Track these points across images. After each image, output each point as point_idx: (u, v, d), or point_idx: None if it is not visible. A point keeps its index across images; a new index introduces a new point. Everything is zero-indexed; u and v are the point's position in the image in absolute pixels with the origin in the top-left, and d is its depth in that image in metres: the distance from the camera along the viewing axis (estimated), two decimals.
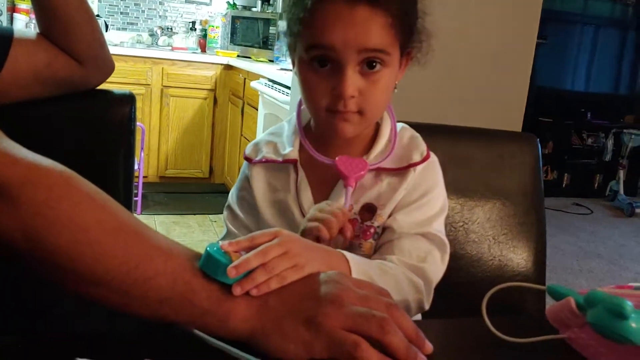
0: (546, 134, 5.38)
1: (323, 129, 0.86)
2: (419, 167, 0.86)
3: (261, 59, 3.99)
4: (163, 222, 3.54)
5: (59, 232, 0.55)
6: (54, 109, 1.05)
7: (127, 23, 4.49)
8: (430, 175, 0.88)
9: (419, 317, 0.88)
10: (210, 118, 4.13)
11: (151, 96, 3.97)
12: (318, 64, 0.78)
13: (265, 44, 4.09)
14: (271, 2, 4.45)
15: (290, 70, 2.32)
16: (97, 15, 4.26)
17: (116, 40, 4.33)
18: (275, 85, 2.79)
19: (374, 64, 0.78)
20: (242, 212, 0.93)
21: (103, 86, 1.10)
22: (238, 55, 4.22)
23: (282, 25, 3.95)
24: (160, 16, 4.56)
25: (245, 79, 3.51)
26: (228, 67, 4.05)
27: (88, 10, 1.02)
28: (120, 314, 0.59)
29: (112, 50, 4.02)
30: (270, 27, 4.06)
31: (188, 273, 0.59)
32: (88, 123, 1.11)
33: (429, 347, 0.59)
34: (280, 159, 0.89)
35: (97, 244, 0.57)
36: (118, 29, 4.45)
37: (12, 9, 3.97)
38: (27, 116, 1.02)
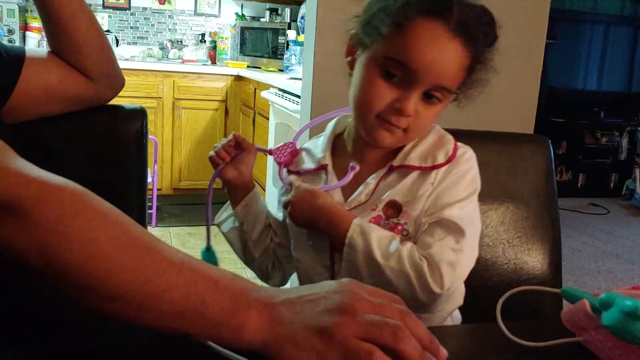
0: (560, 135, 5.34)
1: (363, 132, 0.87)
2: (444, 167, 0.87)
3: (271, 69, 4.00)
4: (178, 234, 3.55)
5: (72, 249, 0.56)
6: (66, 126, 1.06)
7: (138, 37, 4.54)
8: (455, 170, 0.87)
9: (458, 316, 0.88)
10: (222, 129, 4.16)
11: (163, 109, 4.00)
12: (389, 74, 0.80)
13: (275, 53, 4.10)
14: (279, 12, 4.48)
15: (299, 79, 2.33)
16: (107, 31, 4.31)
17: (127, 55, 4.37)
18: (285, 95, 2.80)
19: (435, 97, 0.81)
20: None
21: (115, 101, 1.12)
22: (248, 66, 4.24)
23: (292, 34, 3.98)
24: (170, 29, 4.60)
25: (255, 89, 3.52)
26: (238, 78, 4.07)
27: (98, 28, 1.03)
28: (134, 326, 0.60)
29: (123, 64, 4.07)
30: (279, 37, 4.08)
31: (200, 286, 0.59)
32: (100, 139, 1.12)
33: (444, 353, 0.59)
34: (314, 166, 0.95)
35: (109, 259, 0.57)
36: (129, 43, 4.50)
37: (25, 27, 4.03)
38: (39, 133, 1.04)
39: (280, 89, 2.97)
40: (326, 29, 2.01)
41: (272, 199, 3.10)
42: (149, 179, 3.62)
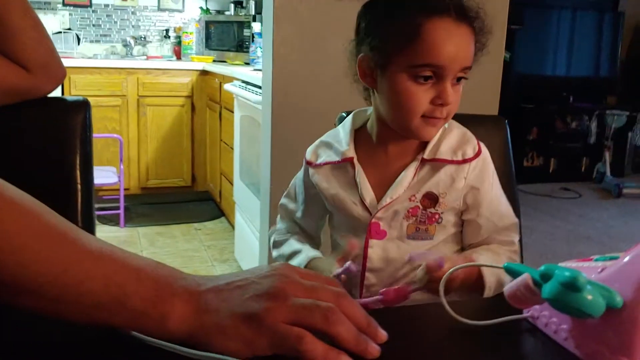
0: (530, 120, 5.37)
1: (407, 132, 0.93)
2: (474, 162, 0.95)
3: (237, 62, 3.95)
4: (147, 234, 3.49)
5: None
6: (2, 118, 1.01)
7: (100, 35, 4.45)
8: (485, 171, 0.97)
9: None
10: (189, 125, 4.09)
11: (128, 107, 3.92)
12: (422, 78, 0.87)
13: (241, 47, 4.05)
14: (244, 4, 4.42)
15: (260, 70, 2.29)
16: (68, 29, 4.22)
17: (89, 53, 4.28)
18: (249, 87, 2.76)
19: (462, 78, 0.90)
20: (300, 211, 1.08)
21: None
22: (214, 60, 4.18)
23: (257, 27, 3.93)
24: (133, 26, 4.52)
25: (220, 83, 3.47)
26: (204, 73, 4.01)
27: (34, 17, 0.98)
28: (55, 320, 0.56)
29: (85, 63, 3.98)
30: (245, 30, 4.02)
31: (120, 276, 0.55)
32: (40, 132, 1.07)
33: (383, 335, 0.56)
34: (338, 159, 0.99)
35: (21, 250, 0.53)
36: (91, 41, 4.40)
37: None
38: None
39: (243, 81, 2.93)
40: (284, 17, 1.98)
41: (239, 194, 3.06)
42: (115, 179, 3.55)
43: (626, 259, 0.53)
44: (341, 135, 1.02)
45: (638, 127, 5.53)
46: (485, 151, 0.98)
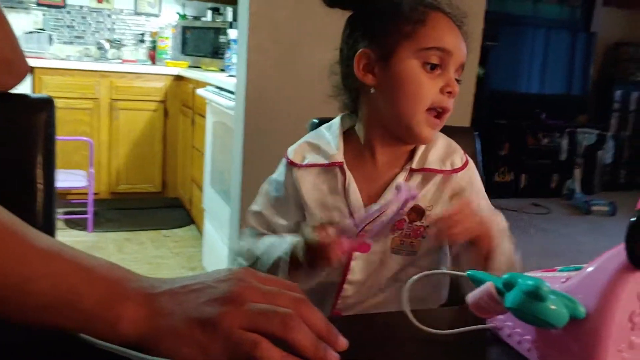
0: (502, 136, 5.42)
1: (408, 131, 0.91)
2: (462, 172, 0.95)
3: (212, 69, 3.92)
4: (115, 240, 3.43)
5: None
6: None
7: (74, 37, 4.37)
8: (474, 179, 0.98)
9: None
10: (161, 130, 4.04)
11: (100, 110, 3.86)
12: (430, 66, 0.88)
13: (217, 53, 4.02)
14: (221, 11, 4.40)
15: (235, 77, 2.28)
16: (41, 29, 4.14)
17: (62, 54, 4.21)
18: (222, 92, 2.73)
19: (458, 78, 0.91)
20: (276, 216, 0.98)
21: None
22: (189, 66, 4.14)
23: (233, 34, 3.91)
24: (108, 29, 4.46)
25: (194, 88, 3.44)
26: (178, 78, 3.97)
27: None
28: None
29: (57, 64, 3.89)
30: (221, 37, 4.00)
31: (71, 276, 0.53)
32: (1, 129, 1.03)
33: (343, 342, 0.55)
34: (326, 162, 0.94)
35: None
36: (64, 42, 4.33)
37: None
38: None
39: (217, 87, 2.90)
40: (259, 23, 1.97)
41: (209, 201, 3.02)
42: (85, 183, 3.49)
43: (589, 269, 0.53)
44: (328, 137, 0.98)
45: (607, 145, 5.63)
46: (471, 161, 0.98)
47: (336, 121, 1.00)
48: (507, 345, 0.60)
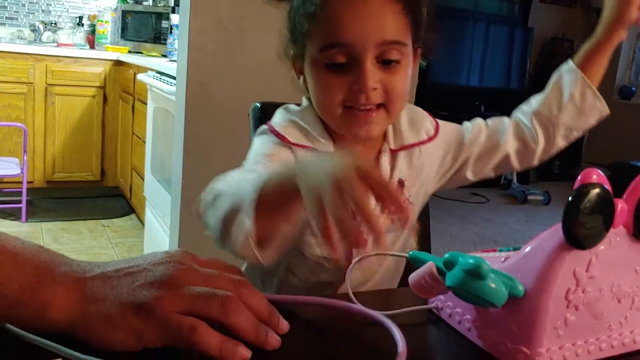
0: None
1: (341, 129, 0.83)
2: (439, 135, 0.92)
3: (154, 54, 3.82)
4: (50, 230, 3.30)
5: None
6: None
7: (6, 18, 4.18)
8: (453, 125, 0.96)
9: None
10: (100, 117, 3.91)
11: (34, 95, 3.70)
12: (334, 64, 0.77)
13: (159, 38, 3.92)
14: None
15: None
16: None
17: None
18: (163, 77, 2.67)
19: (393, 58, 0.77)
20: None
21: None
22: (130, 51, 4.02)
23: (176, 19, 3.81)
24: (43, 10, 4.28)
25: (135, 74, 3.34)
26: (118, 63, 3.85)
27: None
28: None
29: None
30: (163, 21, 3.90)
31: None
32: None
33: (285, 325, 0.54)
34: (311, 145, 0.84)
35: None
36: None
37: None
38: None
39: (158, 72, 2.83)
40: (202, 6, 1.92)
41: (150, 189, 2.95)
42: (18, 171, 3.34)
43: (527, 249, 0.54)
44: (312, 120, 0.86)
45: None
46: (439, 121, 0.96)
47: (310, 107, 0.88)
48: (447, 326, 0.60)
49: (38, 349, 0.47)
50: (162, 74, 2.75)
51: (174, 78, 2.30)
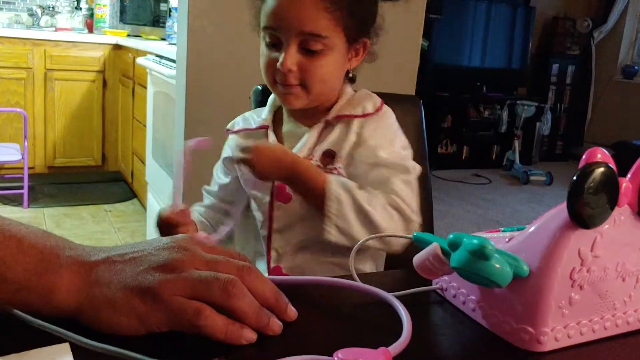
0: (445, 109, 5.51)
1: (278, 99, 1.00)
2: (373, 117, 0.97)
3: (153, 37, 3.80)
4: (52, 215, 3.31)
5: None
6: None
7: (3, 2, 4.15)
8: (380, 132, 0.96)
9: None
10: (100, 101, 3.90)
11: (34, 80, 3.69)
12: (270, 43, 0.93)
13: (157, 22, 3.90)
14: None
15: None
16: None
17: None
18: (162, 60, 2.65)
19: (313, 48, 0.90)
20: (221, 174, 1.09)
21: None
22: (128, 35, 4.00)
23: (174, 1, 3.79)
24: None
25: (134, 57, 3.32)
26: (117, 47, 3.83)
27: None
28: None
29: None
30: (162, 4, 3.87)
31: (0, 245, 0.49)
32: None
33: (292, 312, 0.54)
34: (255, 126, 1.04)
35: None
36: None
37: None
38: None
39: (157, 55, 2.81)
40: None
41: (152, 174, 2.95)
42: (19, 157, 3.34)
43: (532, 229, 0.54)
44: (262, 110, 1.06)
45: (545, 117, 5.80)
46: (387, 110, 1.00)
47: (272, 96, 1.06)
48: (452, 306, 0.60)
49: (44, 334, 0.47)
50: (161, 57, 2.73)
51: (174, 61, 2.29)
